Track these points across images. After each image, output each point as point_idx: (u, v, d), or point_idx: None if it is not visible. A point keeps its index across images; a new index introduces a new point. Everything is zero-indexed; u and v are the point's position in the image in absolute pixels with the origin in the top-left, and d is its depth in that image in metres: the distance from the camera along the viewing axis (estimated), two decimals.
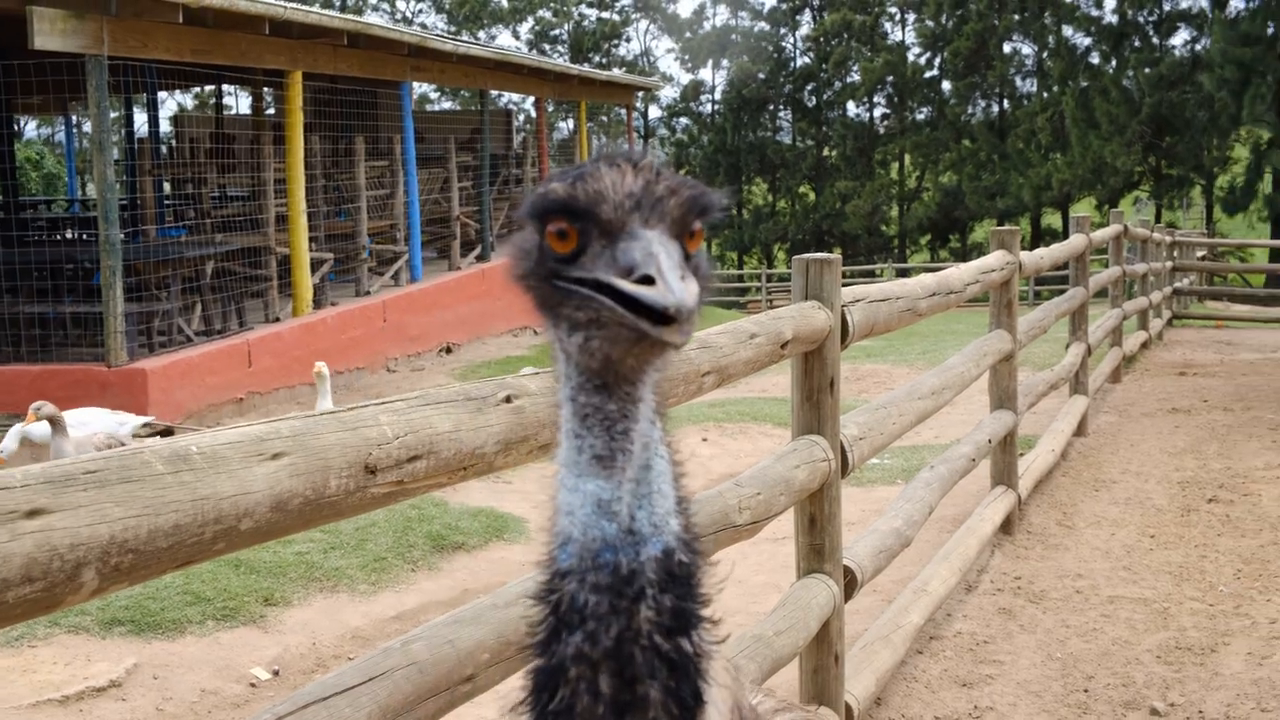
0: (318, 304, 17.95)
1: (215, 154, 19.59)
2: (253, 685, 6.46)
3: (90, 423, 9.93)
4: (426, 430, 2.47)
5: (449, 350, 20.73)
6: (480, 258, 23.78)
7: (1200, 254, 28.23)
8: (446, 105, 57.71)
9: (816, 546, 4.81)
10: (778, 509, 4.35)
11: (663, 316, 1.36)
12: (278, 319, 16.97)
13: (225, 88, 29.19)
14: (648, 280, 1.38)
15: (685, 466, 1.56)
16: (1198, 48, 50.82)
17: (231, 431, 2.10)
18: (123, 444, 8.69)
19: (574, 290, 1.45)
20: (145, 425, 10.64)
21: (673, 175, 1.49)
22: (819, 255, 4.70)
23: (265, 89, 23.28)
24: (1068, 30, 54.16)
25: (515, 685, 1.54)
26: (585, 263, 1.45)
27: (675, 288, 1.37)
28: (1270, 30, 43.89)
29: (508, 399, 2.74)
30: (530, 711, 1.46)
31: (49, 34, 12.55)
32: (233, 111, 37.61)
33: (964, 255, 52.47)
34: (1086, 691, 5.98)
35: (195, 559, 1.99)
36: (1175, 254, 23.13)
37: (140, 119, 25.36)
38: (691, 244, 1.49)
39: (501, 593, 2.96)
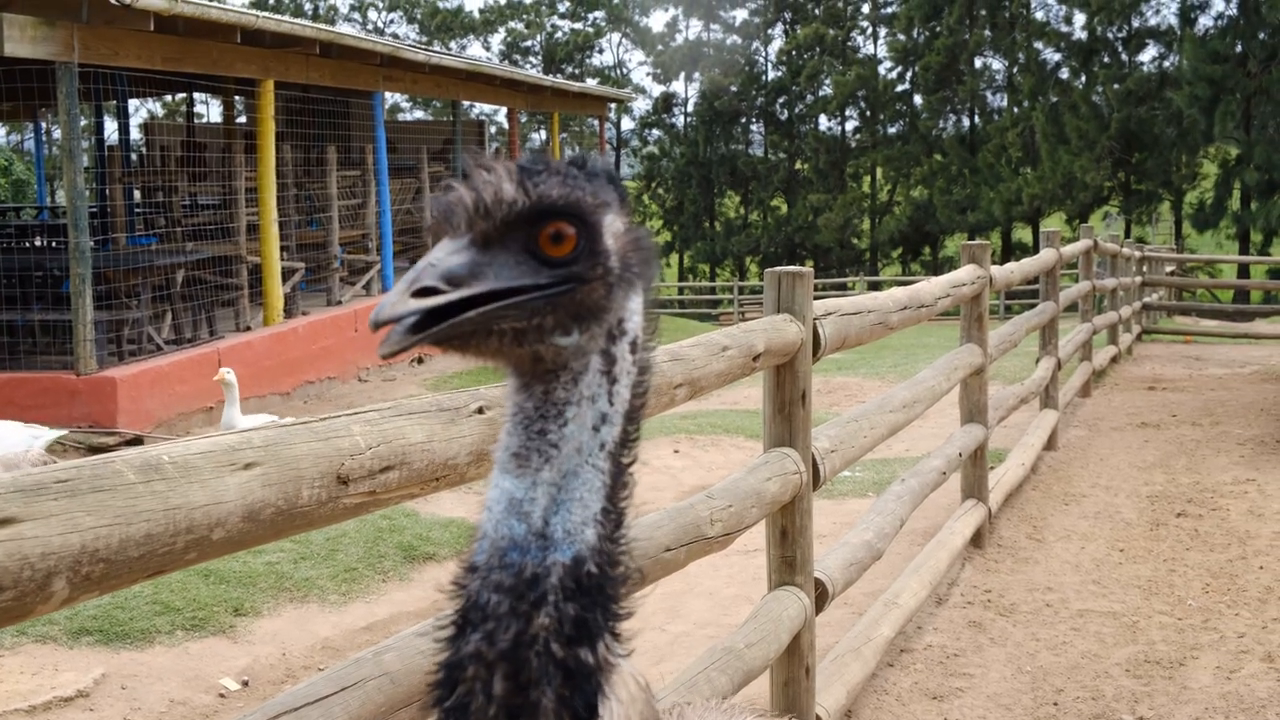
0: (289, 313, 17.89)
1: (186, 162, 19.52)
2: (222, 696, 6.42)
3: (6, 438, 9.65)
4: (399, 441, 2.47)
5: (421, 360, 20.67)
6: None
7: (1169, 269, 28.43)
8: (419, 115, 57.64)
9: (788, 559, 4.81)
10: (749, 521, 4.35)
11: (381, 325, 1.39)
12: (249, 328, 16.91)
13: (197, 96, 29.11)
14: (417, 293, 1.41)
15: (636, 487, 1.54)
16: (1166, 64, 51.22)
17: (204, 441, 2.09)
18: (44, 460, 8.56)
19: None
20: (59, 440, 10.39)
21: (532, 178, 1.45)
22: (791, 268, 4.71)
23: (237, 97, 23.22)
24: (1038, 46, 54.49)
25: None
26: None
27: (386, 299, 1.39)
28: (1239, 48, 44.30)
29: (480, 410, 2.74)
30: (434, 706, 1.45)
31: (19, 41, 12.49)
32: (204, 120, 37.48)
33: (935, 269, 52.66)
34: (1056, 705, 6.00)
35: (167, 568, 1.98)
36: (1145, 269, 23.28)
37: (111, 126, 25.22)
38: (553, 249, 1.44)
39: None
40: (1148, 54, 52.86)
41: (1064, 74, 53.69)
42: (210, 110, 44.33)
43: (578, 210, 1.44)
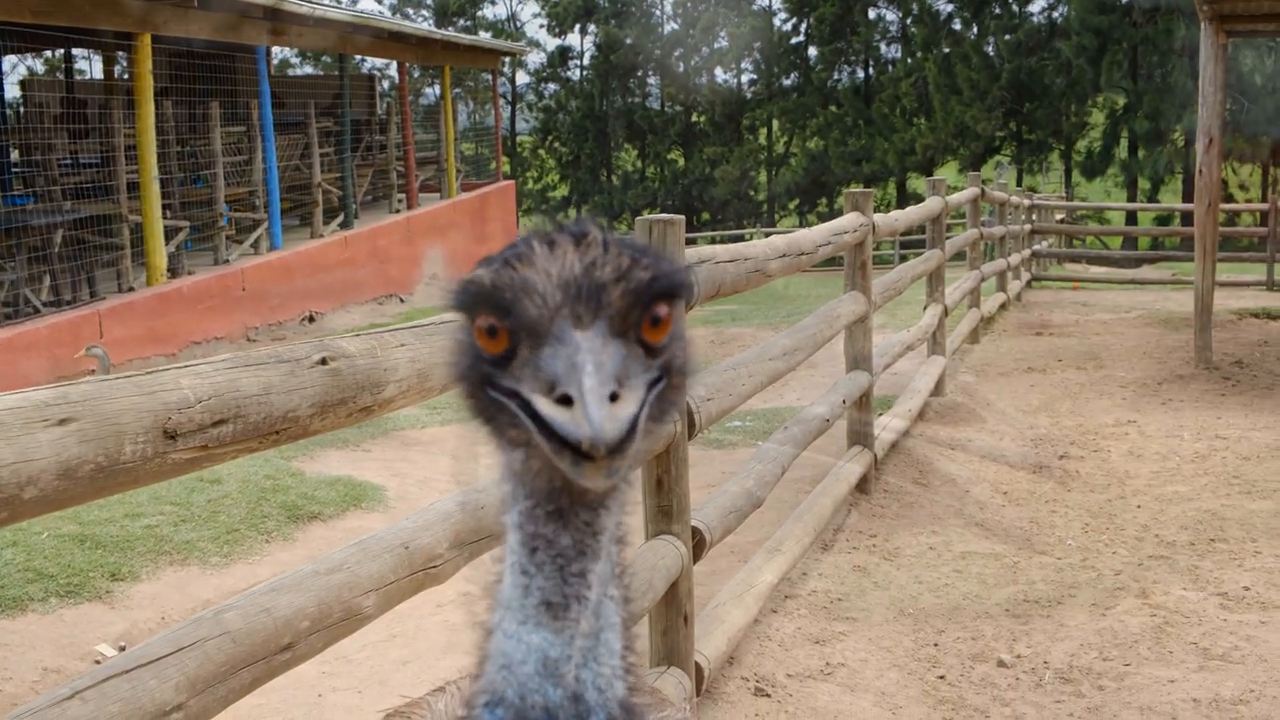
0: (174, 273, 17.55)
1: (65, 119, 19.01)
2: (98, 663, 6.29)
3: None
4: (233, 393, 2.39)
5: (311, 319, 20.42)
6: (343, 225, 23.43)
7: (1059, 217, 28.85)
8: (309, 70, 56.72)
9: (664, 508, 4.79)
10: None
11: (579, 451, 1.12)
12: (132, 289, 16.55)
13: (80, 52, 28.40)
14: (567, 400, 1.14)
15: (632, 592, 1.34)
16: (1055, 15, 51.81)
17: (13, 396, 2.00)
18: None
19: (504, 403, 1.21)
20: None
21: (628, 249, 1.23)
22: (661, 216, 4.67)
23: (120, 53, 22.67)
24: None
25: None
26: (515, 369, 1.21)
27: (593, 415, 1.11)
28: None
29: (323, 361, 2.66)
30: None
31: None
32: (86, 76, 36.56)
33: (833, 219, 52.70)
34: (936, 645, 6.07)
35: None
36: (1034, 217, 23.59)
37: None
38: (654, 334, 1.22)
39: (324, 560, 2.89)
40: (1037, 5, 53.51)
41: (956, 25, 54.09)
42: (93, 67, 43.24)
43: (684, 289, 1.24)
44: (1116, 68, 44.64)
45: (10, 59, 27.47)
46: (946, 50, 51.89)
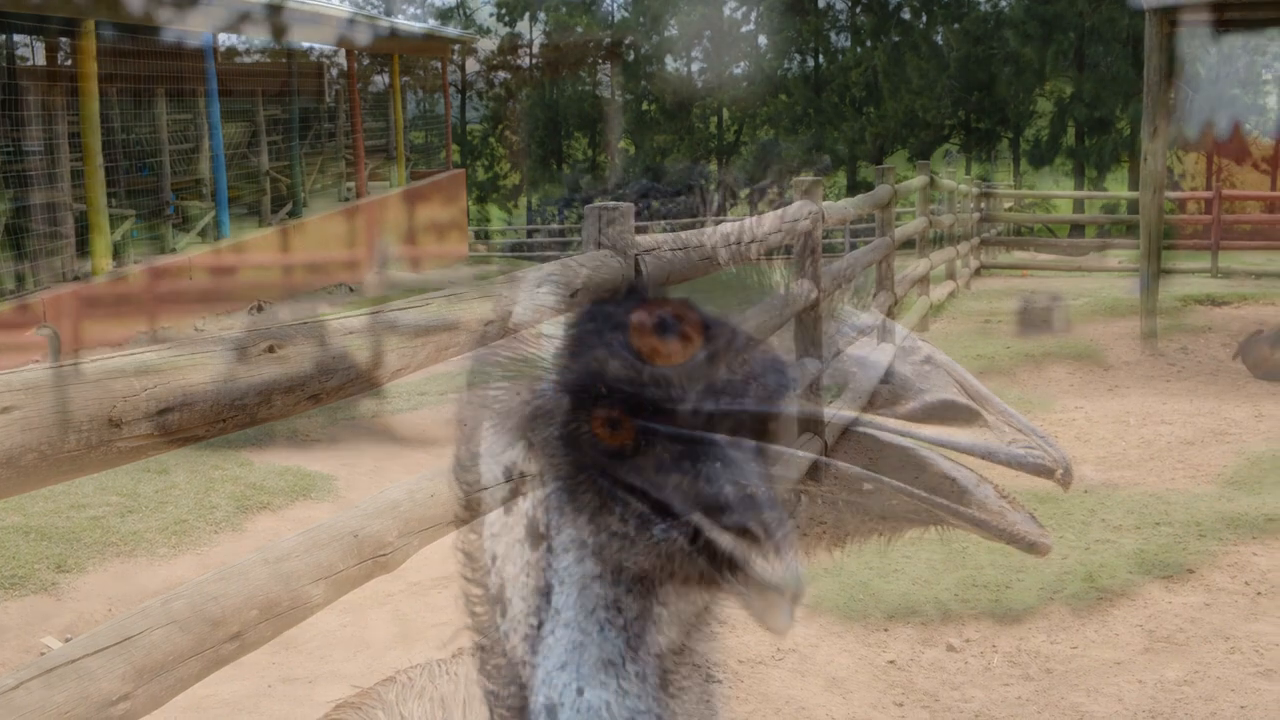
0: (119, 262, 17.37)
1: (6, 106, 18.75)
2: (43, 655, 6.23)
3: None
4: (179, 381, 2.36)
5: (260, 309, 20.25)
6: (292, 214, 23.26)
7: (1007, 205, 29.00)
8: (258, 58, 56.26)
9: None
10: None
11: (767, 587, 1.12)
12: (76, 278, 16.38)
13: (21, 38, 28.04)
14: (745, 533, 1.14)
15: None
16: (1002, 3, 52.12)
17: None
18: None
19: (625, 501, 1.20)
20: None
21: (741, 339, 1.17)
22: (611, 204, 4.66)
23: (63, 39, 22.39)
24: None
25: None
26: (643, 466, 1.18)
27: (794, 566, 1.12)
28: None
29: (270, 348, 2.65)
30: None
31: None
32: (28, 63, 36.14)
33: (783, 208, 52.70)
34: (886, 630, 6.12)
35: None
36: (983, 205, 23.72)
37: None
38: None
39: (272, 548, 2.88)
40: None
41: (905, 14, 54.30)
42: (35, 53, 42.72)
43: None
44: (1062, 56, 45.06)
45: None
46: (895, 39, 52.11)
